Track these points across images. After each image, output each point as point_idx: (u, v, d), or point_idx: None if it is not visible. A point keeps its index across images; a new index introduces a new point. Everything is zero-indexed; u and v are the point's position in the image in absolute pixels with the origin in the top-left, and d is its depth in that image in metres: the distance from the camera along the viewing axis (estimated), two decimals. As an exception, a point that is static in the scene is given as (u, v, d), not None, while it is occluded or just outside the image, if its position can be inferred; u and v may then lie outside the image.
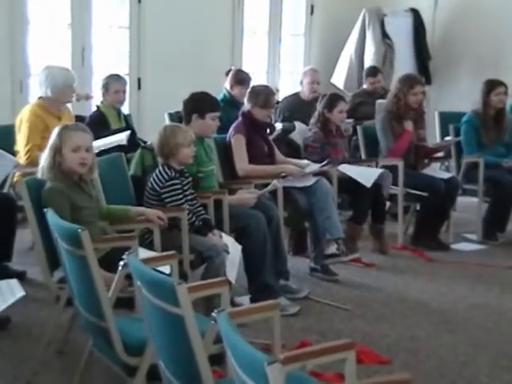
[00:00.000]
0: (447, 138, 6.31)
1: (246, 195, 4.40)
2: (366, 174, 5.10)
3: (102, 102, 5.69)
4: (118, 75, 5.81)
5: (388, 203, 5.86)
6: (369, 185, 5.03)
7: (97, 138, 4.14)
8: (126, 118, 5.84)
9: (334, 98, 5.30)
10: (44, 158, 3.39)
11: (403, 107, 5.62)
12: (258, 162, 4.75)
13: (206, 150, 4.37)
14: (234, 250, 3.90)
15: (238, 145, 4.74)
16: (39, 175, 3.38)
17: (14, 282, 2.37)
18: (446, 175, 5.82)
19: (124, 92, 5.77)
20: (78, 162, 3.36)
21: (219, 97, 5.98)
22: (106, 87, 5.62)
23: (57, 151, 3.35)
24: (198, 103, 4.28)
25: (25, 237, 4.77)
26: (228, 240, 3.94)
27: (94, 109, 5.77)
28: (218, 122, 4.39)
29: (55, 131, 3.43)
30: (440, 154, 6.19)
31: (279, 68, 8.42)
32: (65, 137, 3.36)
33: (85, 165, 3.40)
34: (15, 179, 4.75)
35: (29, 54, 6.28)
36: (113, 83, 5.63)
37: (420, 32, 8.53)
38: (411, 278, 4.91)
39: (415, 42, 8.50)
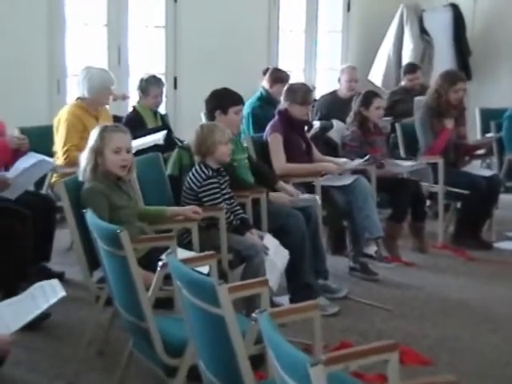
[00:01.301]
0: (488, 135, 6.23)
1: (283, 195, 4.35)
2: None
3: (138, 103, 5.68)
4: (156, 78, 5.77)
5: (428, 201, 5.82)
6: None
7: (134, 138, 4.14)
8: (163, 117, 5.82)
9: (370, 95, 5.26)
10: (85, 159, 3.39)
11: (444, 104, 5.56)
12: (295, 160, 4.72)
13: (237, 143, 4.36)
14: (277, 254, 3.88)
15: (276, 143, 4.73)
16: (80, 177, 3.38)
17: (56, 282, 2.38)
18: (487, 173, 5.75)
19: (162, 94, 5.79)
20: (119, 163, 3.38)
21: (256, 95, 6.04)
22: (144, 91, 5.60)
23: (98, 153, 3.36)
24: (219, 99, 4.27)
25: (63, 237, 4.82)
26: (271, 242, 3.91)
27: (130, 109, 5.77)
28: (242, 116, 4.43)
29: (95, 132, 3.43)
30: (481, 152, 6.13)
31: (316, 66, 8.37)
32: (106, 138, 3.36)
33: (125, 167, 3.41)
34: (53, 180, 4.77)
35: (66, 55, 6.27)
36: (152, 88, 5.60)
37: (460, 27, 8.40)
38: (452, 278, 4.87)
39: (455, 38, 8.38)
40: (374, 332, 3.90)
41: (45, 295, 2.26)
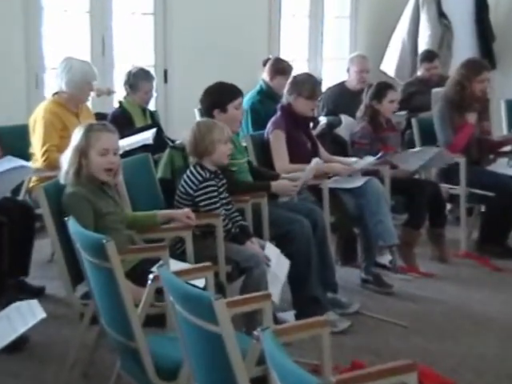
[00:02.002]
0: (516, 130, 6.37)
1: (285, 182, 4.37)
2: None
3: (125, 99, 5.69)
4: (146, 72, 5.77)
5: (449, 205, 5.83)
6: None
7: (121, 137, 4.16)
8: (152, 114, 5.85)
9: (383, 87, 5.28)
10: (67, 161, 3.39)
11: (468, 97, 5.56)
12: (300, 160, 4.68)
13: (236, 143, 4.37)
14: (279, 265, 3.89)
15: (278, 142, 4.73)
16: (62, 180, 3.39)
17: (34, 302, 2.36)
18: (515, 172, 5.93)
19: (152, 90, 5.77)
20: (104, 166, 3.38)
21: (256, 89, 6.07)
22: (133, 86, 5.62)
23: (82, 154, 3.36)
24: (215, 96, 4.28)
25: (43, 248, 4.85)
26: (273, 252, 3.93)
27: (116, 105, 5.79)
28: (243, 110, 4.44)
29: (79, 131, 3.42)
30: (507, 148, 6.11)
31: (322, 55, 8.38)
32: (92, 138, 3.37)
33: (111, 171, 3.42)
34: (31, 184, 4.75)
35: (44, 45, 6.24)
36: (142, 83, 5.61)
37: (482, 9, 8.38)
38: (476, 290, 4.86)
39: (477, 21, 8.36)
40: (389, 351, 3.90)
41: (22, 317, 2.24)
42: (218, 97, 4.29)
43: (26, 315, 2.31)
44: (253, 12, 7.63)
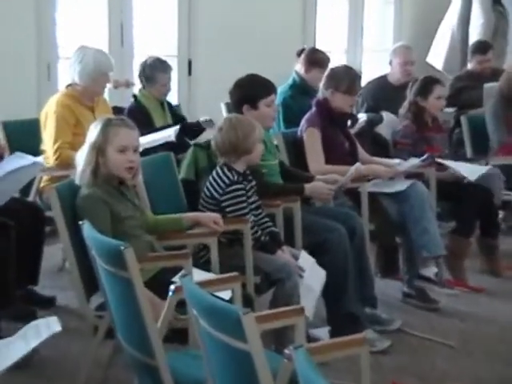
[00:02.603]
0: None
1: (320, 184, 4.35)
2: (470, 168, 5.01)
3: (140, 92, 5.73)
4: (163, 63, 5.78)
5: (502, 212, 5.78)
6: (473, 178, 4.95)
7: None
8: (173, 109, 5.90)
9: (429, 82, 5.25)
10: (83, 159, 3.40)
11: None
12: (336, 161, 4.68)
13: (267, 143, 4.35)
14: (313, 276, 3.87)
15: (312, 141, 4.72)
16: (77, 181, 3.40)
17: (54, 320, 2.39)
18: None
19: (170, 81, 5.81)
20: (124, 165, 3.40)
21: (288, 82, 6.04)
22: (150, 78, 5.67)
23: (99, 151, 3.38)
24: (246, 90, 4.29)
25: (54, 255, 4.88)
26: (307, 262, 3.91)
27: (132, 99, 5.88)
28: (276, 108, 4.43)
29: (96, 126, 3.44)
30: None
31: (362, 45, 8.38)
32: (110, 134, 3.38)
33: (132, 169, 3.43)
34: (42, 184, 4.78)
35: (57, 33, 6.35)
36: (159, 74, 5.66)
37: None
38: (532, 308, 5.00)
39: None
40: (434, 374, 3.87)
41: (38, 334, 2.26)
42: (249, 91, 4.29)
43: (42, 332, 2.35)
44: (286, -3, 7.74)
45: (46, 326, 2.36)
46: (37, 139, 4.95)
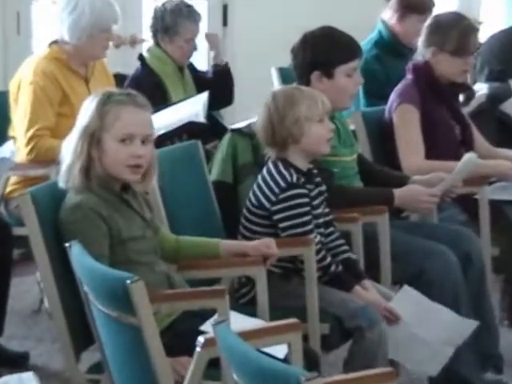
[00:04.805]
0: None
1: (418, 189, 4.22)
2: None
3: (150, 51, 5.62)
4: (188, 8, 5.64)
5: None
6: None
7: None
8: (200, 77, 5.78)
9: None
10: (71, 152, 3.28)
11: None
12: (442, 154, 4.56)
13: (340, 129, 4.24)
14: (428, 320, 3.76)
15: (407, 124, 4.63)
16: (61, 183, 3.28)
17: (30, 376, 2.42)
18: None
19: (196, 36, 5.71)
20: (127, 161, 3.28)
21: (371, 37, 5.88)
22: (168, 31, 5.53)
23: (93, 141, 3.27)
24: (319, 50, 4.19)
25: (27, 290, 4.90)
26: (409, 301, 3.78)
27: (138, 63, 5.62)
28: (359, 79, 4.30)
29: (90, 104, 3.30)
30: None
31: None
32: (109, 116, 3.27)
33: (138, 168, 3.30)
34: (10, 189, 4.64)
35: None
36: (184, 25, 5.53)
37: None
38: None
39: None
40: None
41: None
42: (323, 52, 4.16)
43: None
44: None
45: None
46: (2, 122, 4.81)
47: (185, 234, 3.65)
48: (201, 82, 5.65)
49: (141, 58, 5.55)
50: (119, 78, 5.29)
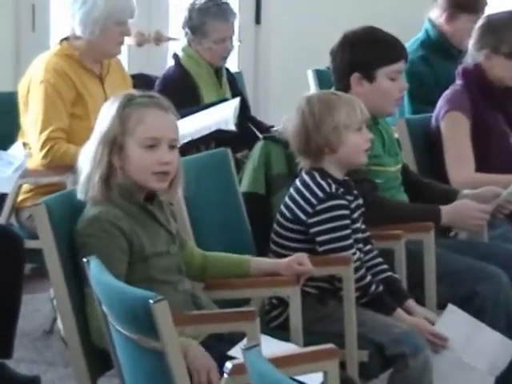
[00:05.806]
0: None
1: (468, 204, 4.35)
2: None
3: (184, 51, 5.72)
4: (220, 6, 5.80)
5: None
6: None
7: (180, 116, 3.92)
8: (234, 80, 5.89)
9: None
10: (89, 159, 3.38)
11: None
12: (496, 164, 4.71)
13: (384, 136, 4.32)
14: (476, 345, 3.84)
15: (456, 133, 4.76)
16: (80, 194, 3.37)
17: None
18: None
19: (233, 36, 5.79)
20: (153, 169, 3.38)
21: (417, 38, 6.02)
22: (198, 31, 5.65)
23: (114, 147, 3.37)
24: (358, 50, 4.32)
25: (39, 309, 4.95)
26: (457, 324, 3.88)
27: (171, 63, 5.70)
28: (404, 84, 4.37)
29: (109, 108, 3.39)
30: None
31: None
32: (131, 120, 3.36)
33: (166, 175, 3.40)
34: (22, 197, 4.74)
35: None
36: (214, 25, 5.67)
37: None
38: None
39: None
40: None
41: None
42: (363, 53, 4.28)
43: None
44: None
45: None
46: (12, 124, 4.92)
47: (211, 250, 3.71)
48: (234, 87, 5.74)
49: (175, 56, 5.64)
50: (141, 79, 5.35)
